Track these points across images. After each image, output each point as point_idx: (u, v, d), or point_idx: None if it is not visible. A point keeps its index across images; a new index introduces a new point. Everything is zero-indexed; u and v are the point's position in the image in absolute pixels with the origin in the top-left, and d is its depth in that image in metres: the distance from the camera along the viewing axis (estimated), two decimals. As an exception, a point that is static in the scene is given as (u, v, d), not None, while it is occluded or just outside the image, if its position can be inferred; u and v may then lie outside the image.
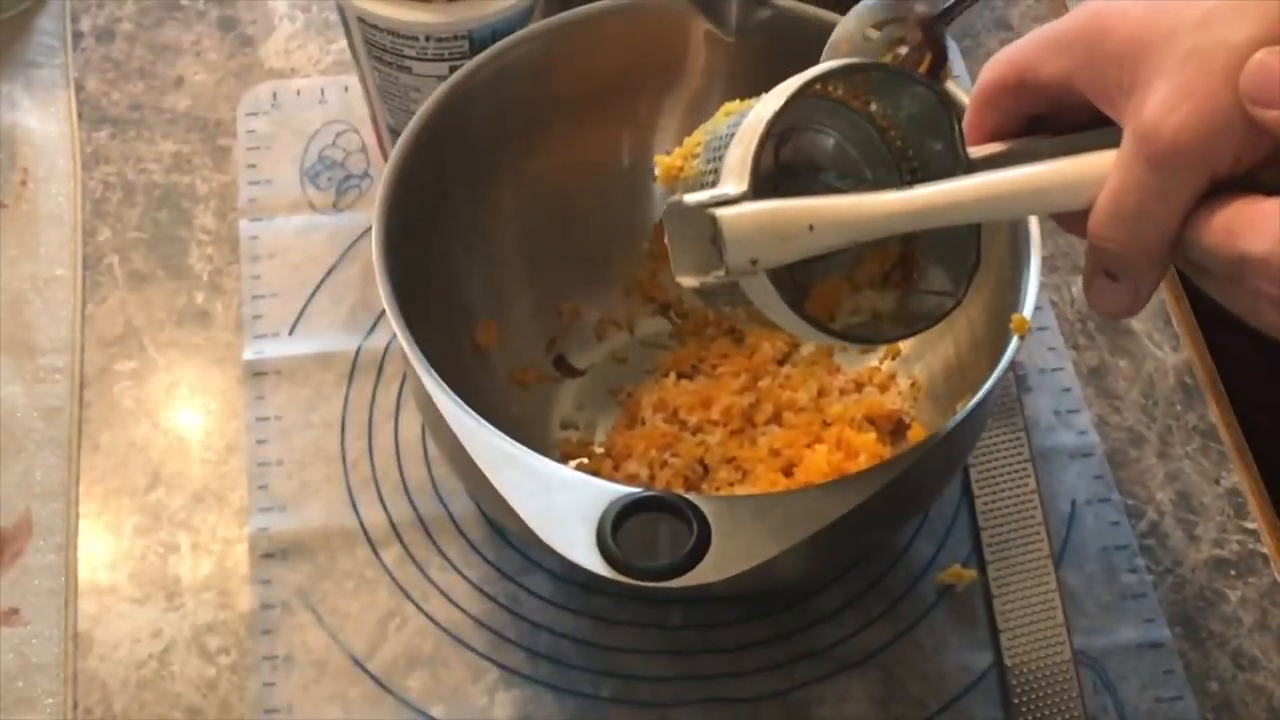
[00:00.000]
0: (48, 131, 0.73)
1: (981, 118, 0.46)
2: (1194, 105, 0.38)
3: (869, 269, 0.48)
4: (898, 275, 0.48)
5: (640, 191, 0.67)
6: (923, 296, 0.48)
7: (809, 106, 0.47)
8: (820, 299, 0.48)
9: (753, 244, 0.42)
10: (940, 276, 0.48)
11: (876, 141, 0.48)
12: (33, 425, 0.64)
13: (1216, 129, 0.38)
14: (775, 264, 0.43)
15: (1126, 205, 0.40)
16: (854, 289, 0.48)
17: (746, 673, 0.59)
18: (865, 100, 0.47)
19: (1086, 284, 0.44)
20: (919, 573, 0.62)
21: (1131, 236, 0.41)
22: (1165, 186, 0.39)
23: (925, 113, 0.46)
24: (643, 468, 0.60)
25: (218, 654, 0.59)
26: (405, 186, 0.56)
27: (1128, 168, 0.40)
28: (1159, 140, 0.39)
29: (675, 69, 0.64)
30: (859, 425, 0.61)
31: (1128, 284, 0.42)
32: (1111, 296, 0.43)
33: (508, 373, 0.64)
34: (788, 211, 0.42)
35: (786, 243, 0.42)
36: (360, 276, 0.69)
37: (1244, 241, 0.38)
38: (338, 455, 0.64)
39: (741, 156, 0.43)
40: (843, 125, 0.48)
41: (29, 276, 0.68)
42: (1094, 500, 0.64)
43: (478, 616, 0.60)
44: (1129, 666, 0.60)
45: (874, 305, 0.48)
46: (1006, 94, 0.45)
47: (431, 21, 0.61)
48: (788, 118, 0.44)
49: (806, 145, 0.48)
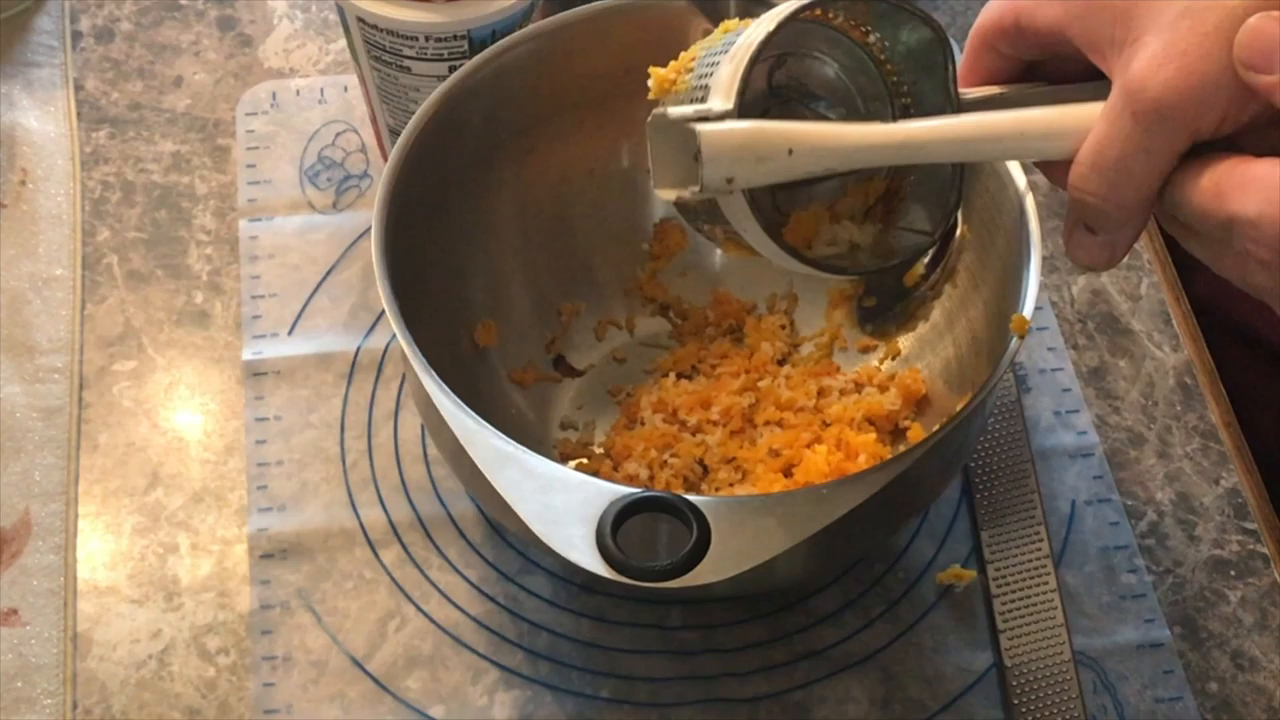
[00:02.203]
0: (47, 131, 0.73)
1: (977, 59, 0.46)
2: (1184, 63, 0.38)
3: (851, 202, 0.48)
4: (879, 210, 0.48)
5: (640, 191, 0.67)
6: (901, 234, 0.48)
7: (807, 31, 0.47)
8: (798, 226, 0.48)
9: (730, 163, 0.42)
10: (921, 215, 0.48)
11: (872, 73, 0.48)
12: (32, 425, 0.64)
13: (1205, 88, 0.38)
14: (751, 185, 0.42)
15: (1107, 157, 0.40)
16: (833, 219, 0.48)
17: (746, 673, 0.59)
18: (864, 31, 0.47)
19: (1066, 235, 0.44)
20: (919, 573, 0.62)
21: (1110, 189, 0.41)
22: (1148, 142, 0.40)
23: (922, 49, 0.46)
24: (642, 468, 0.60)
25: (217, 654, 0.59)
26: (405, 186, 0.56)
27: (1112, 120, 0.40)
28: (1145, 95, 0.39)
29: (675, 69, 0.64)
30: (859, 425, 0.61)
31: (1105, 238, 0.43)
32: (1089, 249, 0.44)
33: (507, 373, 0.64)
34: (768, 133, 0.42)
35: (764, 164, 0.42)
36: (360, 276, 0.69)
37: (1233, 203, 0.38)
38: (337, 455, 0.64)
39: (731, 74, 0.43)
40: (840, 55, 0.48)
41: (28, 276, 0.68)
42: (1094, 500, 0.64)
43: (477, 617, 0.60)
44: (1129, 667, 0.60)
45: (852, 237, 0.48)
46: (1003, 36, 0.45)
47: (431, 21, 0.61)
48: (783, 40, 0.44)
49: (801, 71, 0.48)
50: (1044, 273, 0.64)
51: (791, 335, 0.67)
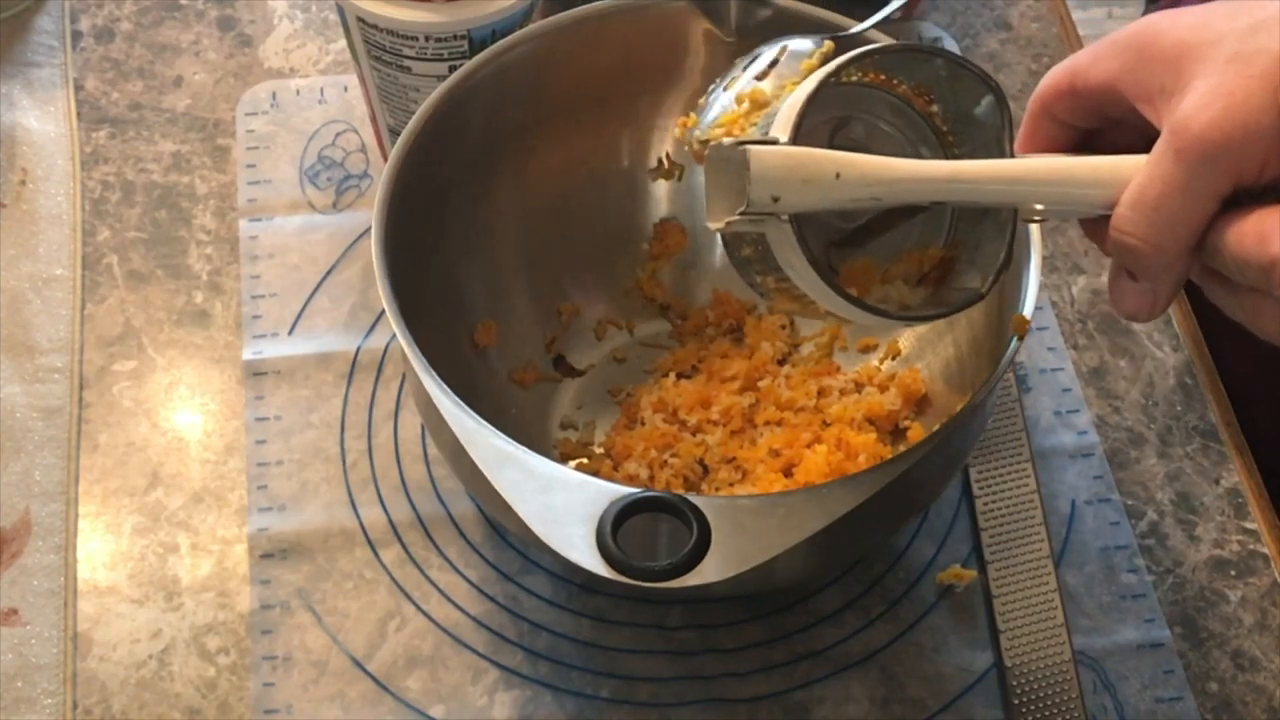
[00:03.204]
0: (47, 131, 0.73)
1: (1035, 126, 0.46)
2: (1229, 104, 0.38)
3: (905, 267, 0.49)
4: (933, 277, 0.49)
5: (640, 191, 0.67)
6: (951, 292, 0.48)
7: (869, 97, 0.48)
8: (849, 277, 0.48)
9: (777, 180, 0.43)
10: (972, 276, 0.48)
11: (933, 143, 0.48)
12: (32, 425, 0.64)
13: (1248, 130, 0.38)
14: (797, 207, 0.43)
15: (1149, 199, 0.40)
16: (885, 281, 0.48)
17: (746, 673, 0.59)
18: (928, 100, 0.48)
19: (1110, 285, 0.44)
20: (919, 573, 0.62)
21: (1151, 230, 0.40)
22: (1190, 183, 0.39)
23: (981, 113, 0.46)
24: (642, 468, 0.60)
25: (217, 654, 0.59)
26: (405, 186, 0.56)
27: (1156, 161, 0.40)
28: (1189, 133, 0.39)
29: (675, 69, 0.64)
30: (859, 425, 0.61)
31: (1147, 285, 0.42)
32: (1132, 298, 0.43)
33: (507, 373, 0.64)
34: (815, 155, 0.43)
35: (810, 185, 0.43)
36: (360, 276, 0.69)
37: (1277, 246, 0.38)
38: (337, 455, 0.64)
39: (788, 115, 0.44)
40: (903, 125, 0.49)
41: (28, 276, 0.68)
42: (1094, 500, 0.64)
43: (477, 617, 0.60)
44: (1129, 666, 0.60)
45: (901, 298, 0.48)
46: (1060, 100, 0.45)
47: (431, 21, 0.61)
48: (845, 101, 0.45)
49: (863, 136, 0.49)
50: (1044, 273, 0.64)
51: (791, 335, 0.67)
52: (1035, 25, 0.81)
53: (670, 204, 0.68)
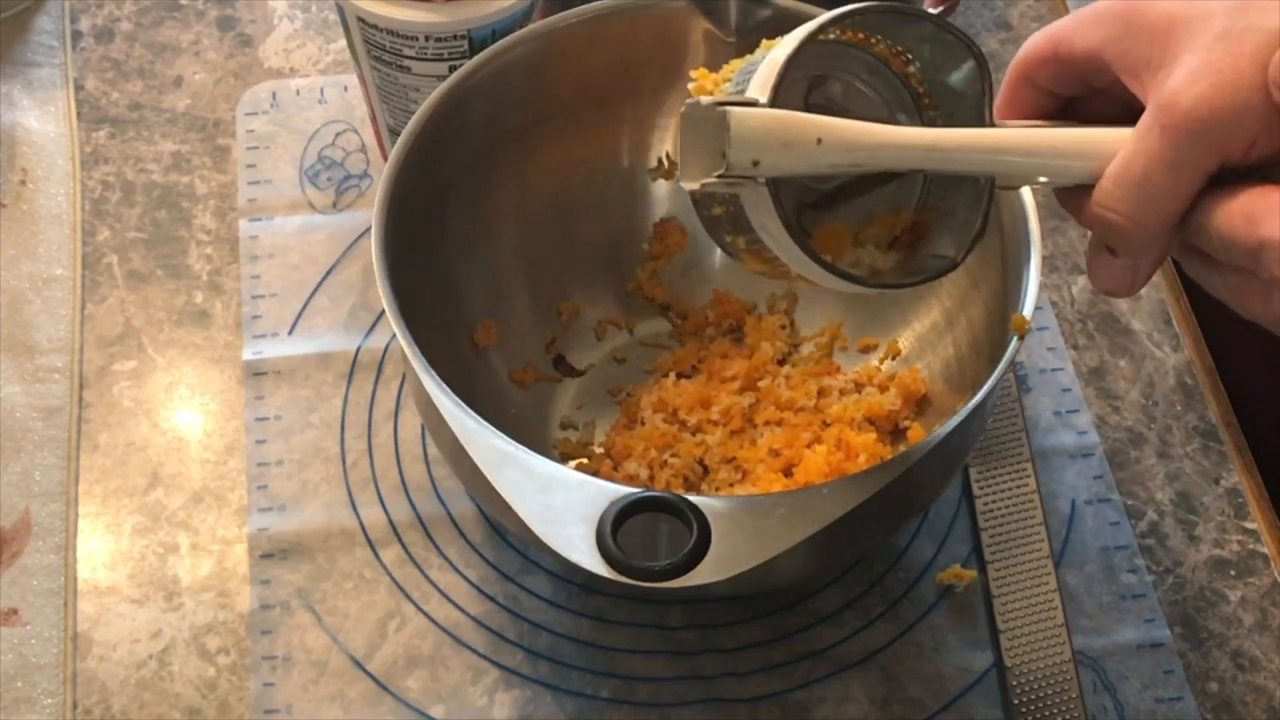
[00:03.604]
0: (47, 131, 0.73)
1: (1015, 92, 0.46)
2: (1217, 81, 0.38)
3: (877, 231, 0.48)
4: (905, 240, 0.48)
5: (640, 191, 0.67)
6: (924, 258, 0.48)
7: (847, 55, 0.47)
8: (822, 240, 0.48)
9: (757, 144, 0.42)
10: (946, 243, 0.48)
11: (909, 105, 0.48)
12: (32, 425, 0.64)
13: (1236, 109, 0.38)
14: (778, 172, 0.42)
15: (1133, 174, 0.40)
16: (858, 244, 0.48)
17: (746, 673, 0.59)
18: (904, 60, 0.47)
19: (1089, 260, 0.43)
20: (919, 573, 0.62)
21: (1134, 206, 0.40)
22: (1175, 158, 0.39)
23: (960, 77, 0.46)
24: (642, 468, 0.60)
25: (217, 654, 0.59)
26: (405, 186, 0.56)
27: (1141, 136, 0.40)
28: (1176, 110, 0.39)
29: (675, 69, 0.64)
30: (859, 425, 0.61)
31: (1127, 261, 0.42)
32: (1111, 273, 0.43)
33: (507, 373, 0.64)
34: (798, 119, 0.42)
35: (791, 149, 0.42)
36: (360, 276, 0.69)
37: (1266, 227, 0.38)
38: (337, 455, 0.64)
39: (767, 75, 0.43)
40: (878, 84, 0.48)
41: (28, 276, 0.68)
42: (1094, 500, 0.64)
43: (477, 617, 0.60)
44: (1129, 667, 0.60)
45: (873, 262, 0.48)
46: (1042, 67, 0.44)
47: (431, 21, 0.61)
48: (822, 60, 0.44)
49: (837, 94, 0.48)
50: (1044, 273, 0.64)
51: (791, 335, 0.67)
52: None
53: (670, 204, 0.67)
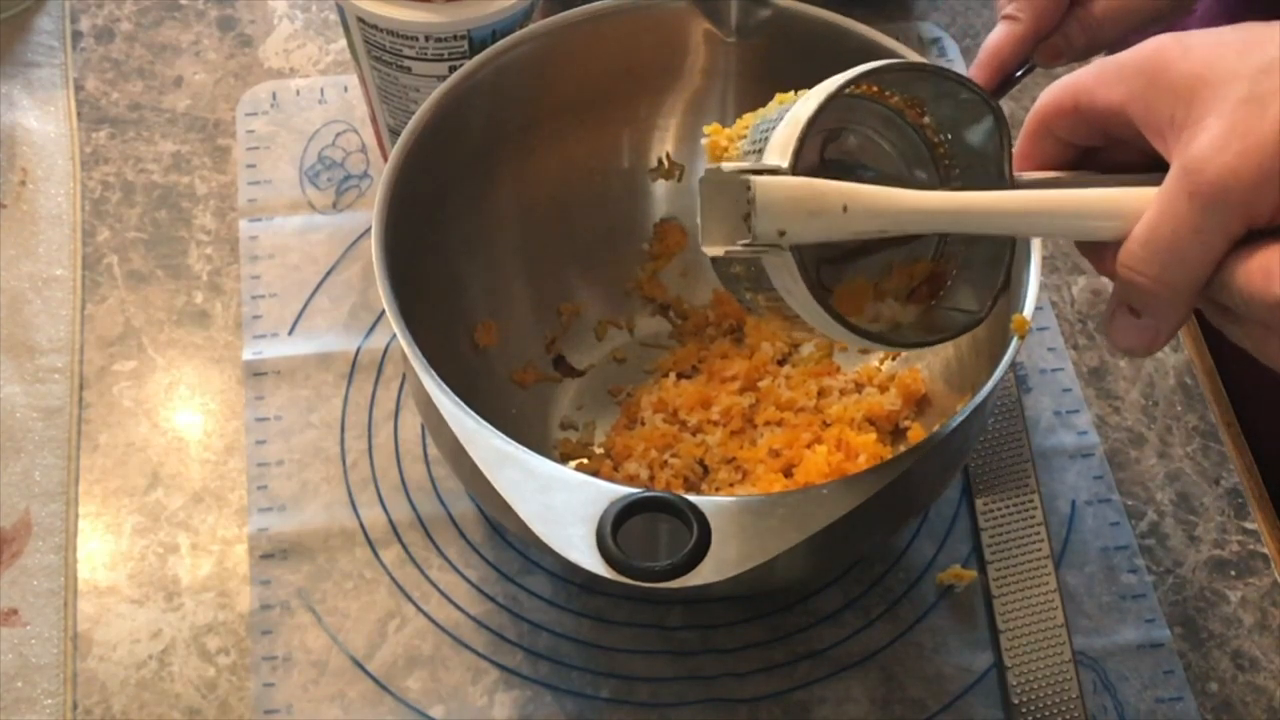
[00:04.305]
0: (47, 131, 0.73)
1: (1033, 144, 0.46)
2: (1245, 147, 0.38)
3: (896, 282, 0.48)
4: (924, 291, 0.48)
5: (640, 192, 0.67)
6: (946, 312, 0.48)
7: (862, 109, 0.47)
8: (842, 299, 0.47)
9: (783, 214, 0.42)
10: (967, 296, 0.47)
11: (925, 157, 0.48)
12: (32, 425, 0.64)
13: (1264, 174, 0.38)
14: (803, 240, 0.42)
15: (1160, 238, 0.40)
16: (878, 298, 0.48)
17: (746, 673, 0.59)
18: (919, 112, 0.47)
19: (1108, 318, 0.43)
20: (919, 573, 0.62)
21: (1161, 270, 0.40)
22: (1203, 224, 0.39)
23: (978, 131, 0.46)
24: (642, 468, 0.60)
25: (217, 654, 0.59)
26: (405, 186, 0.56)
27: (1168, 200, 0.40)
28: (1204, 176, 0.39)
29: (675, 69, 0.64)
30: (859, 425, 0.61)
31: (1149, 321, 0.42)
32: (1132, 333, 0.42)
33: (508, 373, 0.64)
34: (824, 188, 0.42)
35: (817, 218, 0.42)
36: (360, 276, 0.69)
37: None
38: (337, 455, 0.64)
39: (787, 136, 0.43)
40: (894, 136, 0.48)
41: (28, 276, 0.68)
42: (1094, 500, 0.64)
43: (477, 617, 0.60)
44: (1129, 667, 0.60)
45: (895, 316, 0.48)
46: (1062, 119, 0.44)
47: (431, 21, 0.61)
48: (839, 114, 0.44)
49: (855, 148, 0.48)
50: (1044, 273, 0.63)
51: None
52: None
53: (670, 204, 0.68)
